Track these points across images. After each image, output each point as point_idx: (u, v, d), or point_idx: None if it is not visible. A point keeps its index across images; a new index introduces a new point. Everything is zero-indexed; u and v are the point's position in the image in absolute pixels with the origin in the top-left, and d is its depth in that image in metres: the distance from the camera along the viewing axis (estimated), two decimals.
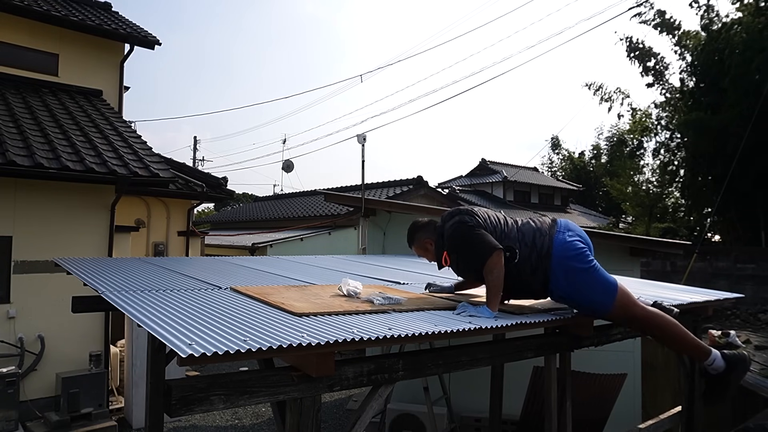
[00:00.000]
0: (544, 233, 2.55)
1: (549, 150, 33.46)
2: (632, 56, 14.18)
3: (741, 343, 6.32)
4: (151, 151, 7.31)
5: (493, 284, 2.39)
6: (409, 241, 2.93)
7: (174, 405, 1.47)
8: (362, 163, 7.33)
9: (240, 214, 22.02)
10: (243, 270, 3.45)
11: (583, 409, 4.07)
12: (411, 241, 2.93)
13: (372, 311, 2.19)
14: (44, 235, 6.36)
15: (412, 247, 2.93)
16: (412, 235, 2.91)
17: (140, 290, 2.29)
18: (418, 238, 2.86)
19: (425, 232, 2.85)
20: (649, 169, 17.60)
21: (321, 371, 1.69)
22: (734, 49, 11.18)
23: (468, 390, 5.74)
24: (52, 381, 6.25)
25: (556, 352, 2.81)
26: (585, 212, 25.65)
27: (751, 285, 9.77)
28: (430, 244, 2.81)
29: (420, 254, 2.93)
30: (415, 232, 2.89)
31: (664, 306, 2.77)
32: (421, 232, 2.86)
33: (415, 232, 2.89)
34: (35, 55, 8.10)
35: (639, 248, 5.69)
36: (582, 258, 2.48)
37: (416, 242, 2.88)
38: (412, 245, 2.92)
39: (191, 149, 30.00)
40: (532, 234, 2.57)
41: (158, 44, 8.95)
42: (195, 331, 1.57)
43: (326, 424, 6.68)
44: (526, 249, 2.52)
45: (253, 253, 11.83)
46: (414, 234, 2.89)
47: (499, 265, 2.41)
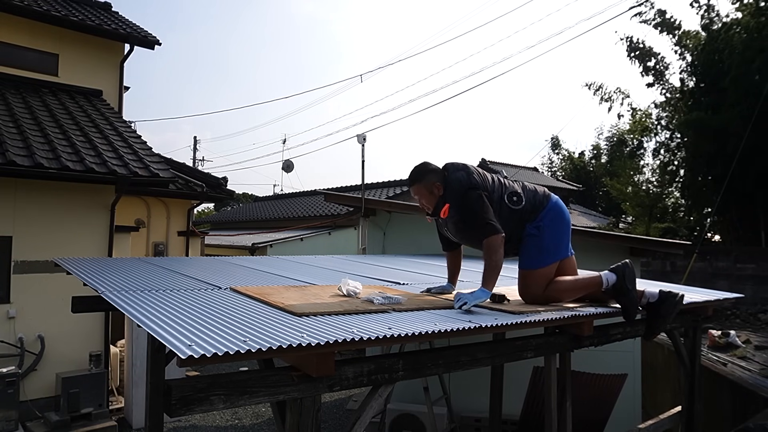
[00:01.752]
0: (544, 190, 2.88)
1: (549, 150, 33.41)
2: (632, 56, 14.17)
3: (741, 343, 6.32)
4: (151, 151, 7.31)
5: (495, 265, 2.53)
6: (416, 179, 2.75)
7: (174, 405, 1.47)
8: (362, 163, 7.34)
9: (240, 214, 22.01)
10: (243, 270, 3.45)
11: (583, 409, 4.07)
12: (418, 180, 2.74)
13: (372, 311, 2.19)
14: (44, 235, 6.36)
15: (416, 185, 2.75)
16: (422, 175, 2.74)
17: (140, 290, 2.29)
18: (429, 179, 2.72)
19: (436, 175, 2.73)
20: (649, 169, 17.58)
21: (321, 371, 1.69)
22: (734, 49, 11.18)
23: (468, 390, 5.74)
24: (52, 381, 6.25)
25: (556, 352, 2.81)
26: (585, 212, 25.62)
27: (751, 285, 9.77)
28: (438, 189, 2.70)
29: (420, 196, 2.78)
30: (426, 172, 2.74)
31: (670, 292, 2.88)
32: (432, 174, 2.73)
33: (426, 172, 2.74)
34: (35, 55, 8.10)
35: (639, 248, 5.70)
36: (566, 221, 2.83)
37: (424, 182, 2.72)
38: (418, 184, 2.74)
39: (191, 149, 30.01)
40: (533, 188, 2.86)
41: (158, 44, 8.95)
42: (195, 332, 1.56)
43: (326, 424, 6.68)
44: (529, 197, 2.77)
45: (253, 253, 11.83)
46: (424, 174, 2.73)
47: (502, 247, 2.57)
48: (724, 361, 5.74)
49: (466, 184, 2.66)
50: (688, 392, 4.10)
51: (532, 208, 2.74)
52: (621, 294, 2.69)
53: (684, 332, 4.08)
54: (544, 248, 2.71)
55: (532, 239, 2.72)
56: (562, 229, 2.81)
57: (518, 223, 2.72)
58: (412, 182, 2.80)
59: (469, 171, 2.72)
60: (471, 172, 2.72)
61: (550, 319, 2.35)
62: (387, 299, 2.39)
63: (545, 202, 2.79)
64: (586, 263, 5.34)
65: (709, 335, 6.44)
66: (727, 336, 6.38)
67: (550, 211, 2.77)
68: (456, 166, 2.75)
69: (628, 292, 2.67)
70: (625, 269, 2.71)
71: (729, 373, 5.28)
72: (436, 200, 2.73)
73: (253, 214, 20.29)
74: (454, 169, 2.73)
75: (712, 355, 5.97)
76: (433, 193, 2.73)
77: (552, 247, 2.74)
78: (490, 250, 2.55)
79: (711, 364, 5.58)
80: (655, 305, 2.82)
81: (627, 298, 2.68)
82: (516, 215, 2.71)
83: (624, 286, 2.67)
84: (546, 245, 2.72)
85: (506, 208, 2.70)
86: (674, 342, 3.95)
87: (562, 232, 2.81)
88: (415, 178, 2.77)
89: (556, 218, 2.78)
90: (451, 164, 2.77)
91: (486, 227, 2.58)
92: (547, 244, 2.72)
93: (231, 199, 20.50)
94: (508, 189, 2.76)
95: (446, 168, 2.76)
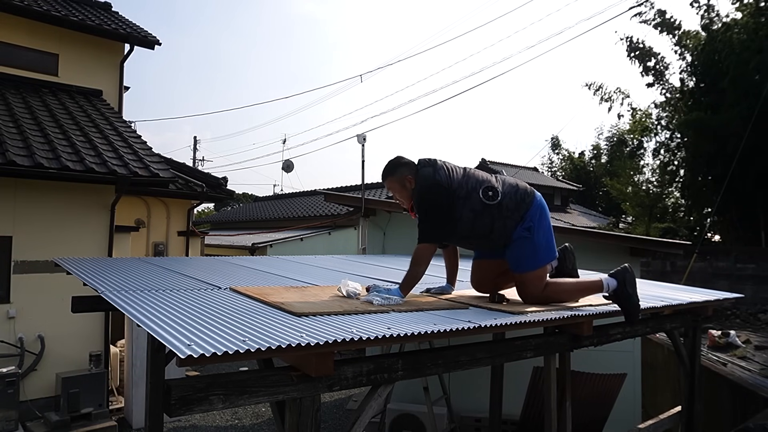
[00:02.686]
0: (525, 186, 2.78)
1: (549, 150, 33.39)
2: (632, 56, 14.17)
3: (741, 343, 6.32)
4: (151, 151, 7.31)
5: (417, 276, 2.54)
6: (390, 172, 2.67)
7: (174, 405, 1.47)
8: (362, 163, 7.35)
9: (240, 214, 22.02)
10: (243, 270, 3.45)
11: (583, 409, 4.07)
12: (391, 173, 2.66)
13: (371, 311, 2.19)
14: (44, 235, 6.36)
15: (388, 179, 2.68)
16: (394, 168, 2.67)
17: (140, 290, 2.29)
18: (401, 173, 2.65)
19: (409, 169, 2.65)
20: (649, 169, 17.58)
21: (320, 371, 1.69)
22: (733, 49, 11.19)
23: (468, 390, 5.74)
24: (52, 381, 6.25)
25: (555, 352, 2.81)
26: (585, 212, 25.61)
27: (751, 285, 9.76)
28: (410, 182, 2.64)
29: (393, 191, 2.70)
30: (398, 165, 2.67)
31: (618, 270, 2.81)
32: (404, 168, 2.65)
33: (398, 165, 2.66)
34: (35, 55, 8.10)
35: (639, 248, 5.70)
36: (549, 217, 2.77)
37: (396, 175, 2.65)
38: (391, 177, 2.66)
39: (191, 149, 30.01)
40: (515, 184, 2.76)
41: (158, 44, 8.95)
42: (194, 332, 1.56)
43: (326, 424, 6.68)
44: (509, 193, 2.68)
45: (253, 253, 11.83)
46: (396, 167, 2.66)
47: (428, 259, 2.56)
48: (724, 361, 5.74)
49: (429, 181, 2.58)
50: (688, 392, 4.10)
51: (513, 205, 2.65)
52: (623, 299, 2.68)
53: (684, 332, 4.09)
54: (539, 248, 2.67)
55: (525, 241, 2.65)
56: (549, 226, 2.76)
57: (495, 218, 2.64)
58: (384, 176, 2.71)
59: (435, 167, 2.63)
60: (437, 168, 2.62)
61: (549, 319, 2.35)
62: (387, 299, 2.40)
63: (529, 200, 2.70)
64: (587, 263, 5.34)
65: (709, 335, 6.44)
66: (727, 336, 6.38)
67: (536, 210, 2.70)
68: (424, 162, 2.67)
69: (629, 296, 2.67)
70: (626, 274, 2.69)
71: (729, 373, 5.28)
72: (409, 195, 2.66)
73: (253, 214, 20.29)
74: (423, 164, 2.66)
75: (712, 355, 5.97)
76: (406, 187, 2.65)
77: (545, 245, 2.70)
78: (416, 261, 2.52)
79: (711, 364, 5.58)
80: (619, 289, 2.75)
81: (629, 303, 2.67)
82: (493, 210, 2.62)
83: (625, 291, 2.66)
84: (540, 245, 2.67)
85: (480, 202, 2.62)
86: (674, 342, 3.95)
87: (550, 230, 2.76)
88: (387, 172, 2.69)
89: (543, 216, 2.73)
90: (422, 159, 2.70)
91: (425, 231, 2.54)
92: (541, 245, 2.67)
93: (231, 199, 20.51)
94: (483, 183, 2.66)
95: (418, 163, 2.69)
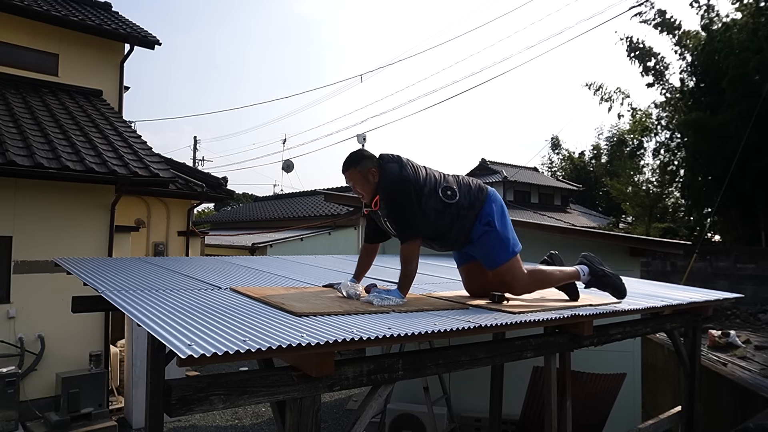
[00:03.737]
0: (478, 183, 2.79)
1: (549, 150, 33.47)
2: (632, 56, 14.19)
3: (741, 343, 6.32)
4: (151, 151, 7.31)
5: (411, 274, 2.52)
6: (353, 164, 2.58)
7: (174, 405, 1.47)
8: None
9: (240, 214, 22.02)
10: (243, 270, 3.44)
11: (583, 409, 4.07)
12: (354, 164, 2.57)
13: (372, 311, 2.19)
14: (44, 235, 6.36)
15: (350, 170, 2.58)
16: (358, 159, 2.58)
17: (140, 290, 2.29)
18: (365, 165, 2.57)
19: (372, 162, 2.59)
20: (649, 169, 17.61)
21: (321, 371, 1.69)
22: (733, 49, 11.19)
23: (468, 390, 5.74)
24: (52, 381, 6.25)
25: (555, 352, 2.81)
26: (585, 212, 25.63)
27: (751, 285, 9.77)
28: (374, 175, 2.57)
29: (354, 182, 2.60)
30: (362, 157, 2.60)
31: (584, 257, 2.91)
32: (369, 161, 2.59)
33: (363, 157, 2.60)
34: (35, 55, 8.10)
35: (639, 248, 5.70)
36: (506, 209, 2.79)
37: (360, 167, 2.57)
38: (354, 168, 2.57)
39: (191, 149, 30.03)
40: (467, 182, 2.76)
41: (158, 44, 8.95)
42: (194, 332, 1.56)
43: (326, 424, 6.68)
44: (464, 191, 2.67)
45: (253, 253, 11.83)
46: (360, 159, 2.59)
47: (417, 254, 2.54)
48: (724, 361, 5.74)
49: (397, 176, 2.53)
50: (688, 392, 4.10)
51: (469, 204, 2.66)
52: (600, 277, 2.75)
53: (684, 332, 4.09)
54: (505, 239, 2.68)
55: (489, 235, 2.66)
56: (507, 217, 2.79)
57: (453, 217, 2.63)
58: (346, 167, 2.60)
59: (401, 163, 2.59)
60: (403, 165, 2.59)
61: (549, 319, 2.35)
62: (386, 293, 2.40)
63: (482, 196, 2.71)
64: None
65: (709, 335, 6.45)
66: (727, 336, 6.38)
67: (491, 205, 2.71)
68: (389, 158, 2.63)
69: (605, 273, 2.74)
70: (589, 257, 2.77)
71: (729, 373, 5.28)
72: (372, 188, 2.58)
73: (253, 214, 20.30)
74: (388, 160, 2.61)
75: (712, 355, 5.97)
76: (369, 180, 2.57)
77: (509, 235, 2.72)
78: (406, 259, 2.52)
79: (711, 364, 5.58)
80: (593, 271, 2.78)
81: (608, 278, 2.74)
82: (452, 209, 2.61)
83: (599, 269, 2.74)
84: (506, 235, 2.69)
85: (440, 201, 2.60)
86: (674, 342, 3.95)
87: (508, 220, 2.79)
88: (350, 163, 2.60)
89: (498, 209, 2.73)
90: (385, 155, 2.65)
91: (406, 229, 2.52)
92: (504, 233, 2.69)
93: (231, 199, 20.50)
94: (441, 183, 2.64)
95: (381, 158, 2.63)
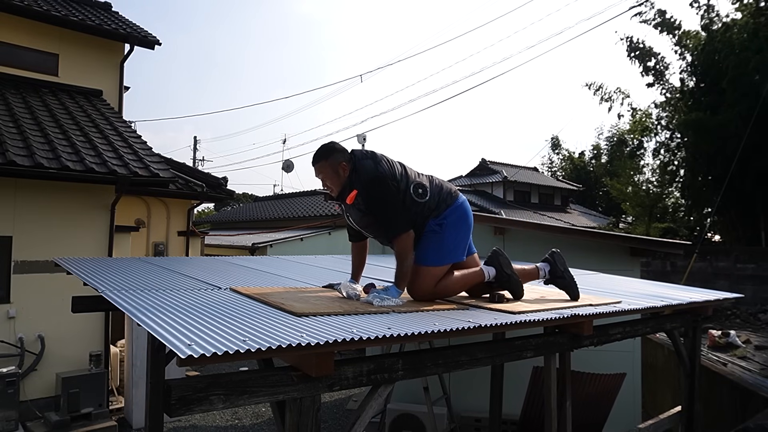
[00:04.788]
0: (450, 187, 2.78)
1: (549, 150, 33.53)
2: (632, 56, 14.20)
3: (741, 343, 6.32)
4: (151, 151, 7.31)
5: (408, 271, 2.50)
6: (324, 156, 2.54)
7: (174, 405, 1.47)
8: None
9: (240, 214, 22.02)
10: (243, 270, 3.44)
11: (583, 408, 4.07)
12: (324, 157, 2.53)
13: (371, 312, 2.19)
14: (44, 235, 6.36)
15: (320, 163, 2.54)
16: (328, 152, 2.54)
17: (140, 290, 2.29)
18: (337, 158, 2.53)
19: (344, 156, 2.55)
20: (649, 169, 17.62)
21: (320, 371, 1.69)
22: (733, 49, 11.20)
23: (468, 390, 5.74)
24: (52, 381, 6.25)
25: (555, 352, 2.81)
26: (585, 212, 25.64)
27: (751, 285, 9.77)
28: (344, 170, 2.53)
29: (324, 176, 2.56)
30: (333, 150, 2.55)
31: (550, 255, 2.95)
32: (341, 154, 2.54)
33: (334, 150, 2.55)
34: (35, 55, 8.10)
35: (639, 248, 5.70)
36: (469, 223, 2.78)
37: (330, 160, 2.52)
38: (324, 161, 2.53)
39: (191, 149, 30.04)
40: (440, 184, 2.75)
41: (158, 44, 8.95)
42: (194, 331, 1.56)
43: (326, 424, 6.68)
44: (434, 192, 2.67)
45: (253, 253, 11.82)
46: (331, 152, 2.54)
47: (411, 247, 2.52)
48: (724, 361, 5.74)
49: (374, 173, 2.51)
50: (688, 392, 4.10)
51: (435, 204, 2.64)
52: (504, 281, 2.77)
53: (684, 332, 4.09)
54: (444, 247, 2.63)
55: (433, 236, 2.63)
56: (464, 230, 2.75)
57: (420, 216, 2.62)
58: (316, 160, 2.56)
59: (376, 159, 2.57)
60: (378, 161, 2.57)
61: (549, 319, 2.35)
62: (384, 291, 2.41)
63: (450, 201, 2.70)
64: (587, 263, 5.36)
65: (709, 335, 6.45)
66: (727, 336, 6.38)
67: (455, 210, 2.69)
68: (363, 154, 2.61)
69: (509, 277, 2.77)
70: (499, 257, 2.78)
71: (729, 373, 5.28)
72: (341, 182, 2.54)
73: (253, 214, 20.29)
74: (362, 156, 2.58)
75: (712, 355, 5.97)
76: (339, 174, 2.53)
77: (452, 247, 2.67)
78: (402, 254, 2.50)
79: (711, 364, 5.58)
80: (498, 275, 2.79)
81: (510, 283, 2.77)
82: (419, 208, 2.61)
83: (504, 273, 2.77)
84: (446, 244, 2.64)
85: (411, 199, 2.59)
86: (674, 342, 3.95)
87: (464, 234, 2.75)
88: (321, 156, 2.55)
89: (460, 219, 2.70)
90: (358, 151, 2.63)
91: (395, 224, 2.50)
92: (448, 244, 2.65)
93: (231, 199, 20.49)
94: (414, 180, 2.63)
95: (353, 154, 2.60)
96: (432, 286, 2.62)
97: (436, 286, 2.64)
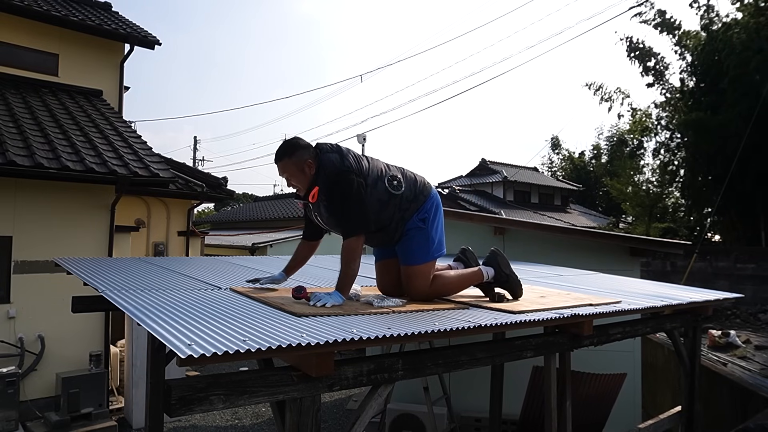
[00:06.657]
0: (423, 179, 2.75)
1: (549, 150, 33.53)
2: (632, 56, 14.19)
3: (741, 343, 6.32)
4: (151, 151, 7.31)
5: (354, 274, 2.39)
6: (286, 153, 2.43)
7: (174, 405, 1.47)
8: None
9: (240, 214, 22.03)
10: (243, 270, 3.44)
11: (583, 409, 4.07)
12: (287, 155, 2.43)
13: (371, 312, 2.19)
14: (44, 235, 6.36)
15: (284, 161, 2.44)
16: (292, 149, 2.44)
17: (140, 290, 2.29)
18: (300, 155, 2.42)
19: (308, 152, 2.45)
20: (649, 169, 17.61)
21: (320, 371, 1.69)
22: (733, 49, 11.19)
23: (468, 390, 5.74)
24: (52, 381, 6.25)
25: (555, 352, 2.81)
26: (585, 212, 25.63)
27: (751, 285, 9.76)
28: (310, 167, 2.43)
29: (288, 174, 2.46)
30: (296, 147, 2.45)
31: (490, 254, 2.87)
32: (304, 150, 2.44)
33: (297, 147, 2.45)
34: (35, 55, 8.10)
35: (639, 248, 5.70)
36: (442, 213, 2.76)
37: (295, 157, 2.42)
38: (287, 159, 2.43)
39: (191, 149, 30.05)
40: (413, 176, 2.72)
41: (158, 44, 8.95)
42: (194, 331, 1.56)
43: (326, 424, 6.68)
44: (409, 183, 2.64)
45: (253, 253, 11.84)
46: (295, 149, 2.44)
47: (360, 251, 2.43)
48: (724, 361, 5.73)
49: (339, 167, 2.42)
50: (688, 392, 4.10)
51: (412, 197, 2.61)
52: (503, 281, 2.77)
53: (684, 332, 4.08)
54: (431, 242, 2.63)
55: (418, 232, 2.60)
56: (442, 222, 2.76)
57: (396, 210, 2.56)
58: (279, 157, 2.46)
59: (342, 153, 2.49)
60: (344, 155, 2.48)
61: (549, 319, 2.35)
62: (386, 300, 2.39)
63: (426, 193, 2.68)
64: (587, 263, 5.36)
65: (709, 335, 6.44)
66: (727, 336, 6.38)
67: (433, 202, 2.69)
68: (328, 147, 2.52)
69: (508, 277, 2.77)
70: (497, 257, 2.78)
71: (729, 373, 5.28)
72: (308, 180, 2.45)
73: (253, 214, 20.30)
74: (327, 149, 2.49)
75: (712, 355, 5.96)
76: (305, 172, 2.44)
77: (437, 240, 2.67)
78: (349, 256, 2.37)
79: (711, 364, 5.58)
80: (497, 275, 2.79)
81: (509, 283, 2.77)
82: (395, 201, 2.55)
83: (503, 273, 2.77)
84: (432, 238, 2.64)
85: (386, 192, 2.53)
86: (674, 342, 3.95)
87: (442, 224, 2.75)
88: (284, 153, 2.44)
89: (438, 210, 2.71)
90: (323, 144, 2.54)
91: (352, 221, 2.40)
92: (433, 238, 2.64)
93: (231, 199, 20.50)
94: (387, 173, 2.58)
95: (318, 147, 2.51)
96: (428, 284, 2.62)
97: (432, 285, 2.63)
